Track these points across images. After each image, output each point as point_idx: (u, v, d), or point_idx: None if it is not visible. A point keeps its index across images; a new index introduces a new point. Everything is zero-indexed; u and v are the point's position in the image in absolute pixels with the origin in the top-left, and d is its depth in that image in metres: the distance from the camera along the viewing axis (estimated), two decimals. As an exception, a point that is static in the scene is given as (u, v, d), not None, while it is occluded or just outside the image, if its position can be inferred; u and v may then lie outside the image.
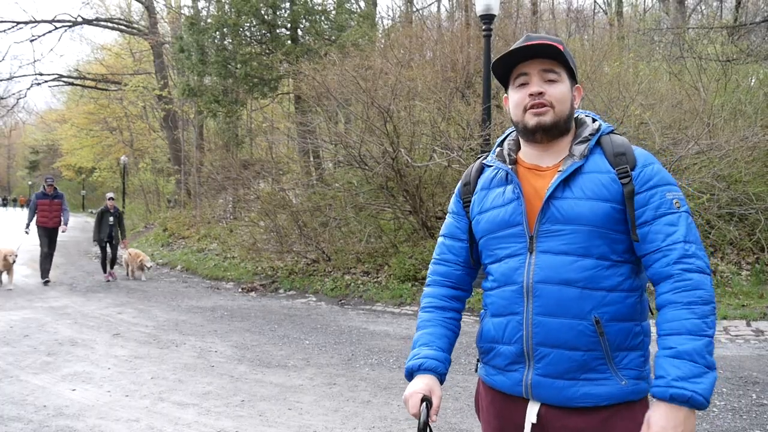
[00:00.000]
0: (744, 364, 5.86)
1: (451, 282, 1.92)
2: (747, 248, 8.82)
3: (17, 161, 77.74)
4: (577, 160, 1.71)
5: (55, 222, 12.05)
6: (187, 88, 18.12)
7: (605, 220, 1.65)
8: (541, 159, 1.78)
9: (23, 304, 9.46)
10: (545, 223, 1.69)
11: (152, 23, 25.80)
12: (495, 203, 1.79)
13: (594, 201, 1.65)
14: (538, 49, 1.70)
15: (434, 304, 1.90)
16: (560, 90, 1.72)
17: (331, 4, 18.03)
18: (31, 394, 5.18)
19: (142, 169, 31.66)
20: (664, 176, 1.69)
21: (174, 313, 9.03)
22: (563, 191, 1.68)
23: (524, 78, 1.74)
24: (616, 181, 1.66)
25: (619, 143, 1.73)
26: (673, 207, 1.64)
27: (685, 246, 1.60)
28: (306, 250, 12.03)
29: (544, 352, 1.66)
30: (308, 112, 14.29)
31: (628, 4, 25.26)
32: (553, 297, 1.65)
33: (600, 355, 1.64)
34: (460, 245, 1.91)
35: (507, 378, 1.76)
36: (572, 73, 1.77)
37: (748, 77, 12.62)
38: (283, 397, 5.16)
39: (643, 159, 1.70)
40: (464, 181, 1.93)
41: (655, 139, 9.31)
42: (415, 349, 1.83)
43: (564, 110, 1.72)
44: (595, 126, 1.79)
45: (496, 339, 1.77)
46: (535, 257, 1.69)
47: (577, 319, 1.63)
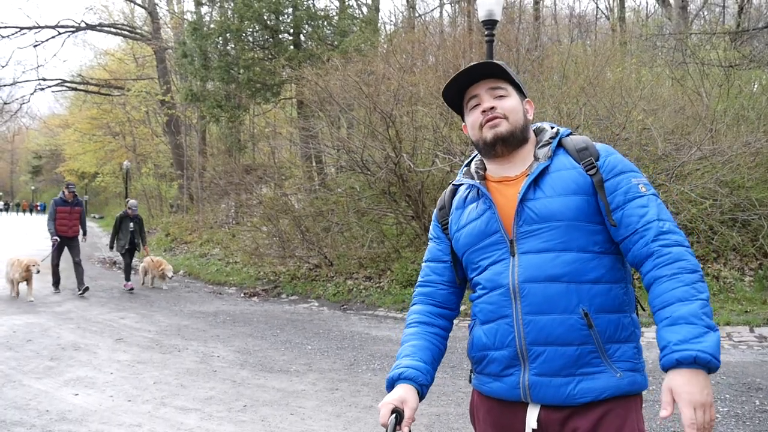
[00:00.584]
0: (747, 371, 5.84)
1: (436, 301, 1.94)
2: (750, 254, 8.80)
3: (20, 166, 78.00)
4: (543, 161, 1.76)
5: (75, 231, 11.52)
6: (189, 93, 18.18)
7: (579, 213, 1.69)
8: (507, 171, 1.83)
9: (26, 309, 9.47)
10: (522, 225, 1.72)
11: (155, 28, 25.90)
12: (470, 218, 1.84)
13: (565, 196, 1.70)
14: (480, 68, 1.79)
15: (419, 320, 1.92)
16: (510, 103, 1.80)
17: (334, 10, 18.09)
18: (34, 398, 5.18)
19: (145, 174, 31.73)
20: (627, 164, 1.76)
21: (176, 318, 9.04)
22: (534, 192, 1.73)
23: (475, 100, 1.82)
24: (583, 174, 1.72)
25: (580, 140, 1.80)
26: (640, 191, 1.69)
27: (659, 224, 1.64)
28: (308, 255, 12.04)
29: (538, 350, 1.67)
30: (311, 117, 14.31)
31: (631, 10, 25.30)
32: (539, 294, 1.67)
33: (593, 348, 1.65)
34: (444, 266, 1.94)
35: (503, 383, 1.75)
36: (520, 89, 1.85)
37: (751, 83, 12.61)
38: (286, 402, 5.16)
39: (604, 150, 1.77)
40: (439, 206, 1.99)
41: (657, 144, 9.31)
42: (397, 361, 1.85)
43: (518, 120, 1.79)
44: (553, 131, 1.85)
45: (488, 345, 1.77)
46: (518, 259, 1.71)
47: (566, 314, 1.65)
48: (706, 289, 1.58)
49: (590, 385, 1.64)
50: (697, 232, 8.94)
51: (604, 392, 1.63)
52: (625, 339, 1.68)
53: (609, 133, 9.74)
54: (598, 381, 1.64)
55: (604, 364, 1.65)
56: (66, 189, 11.59)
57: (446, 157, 10.13)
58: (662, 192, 9.07)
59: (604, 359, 1.65)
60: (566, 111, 9.96)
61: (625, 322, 1.68)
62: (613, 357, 1.66)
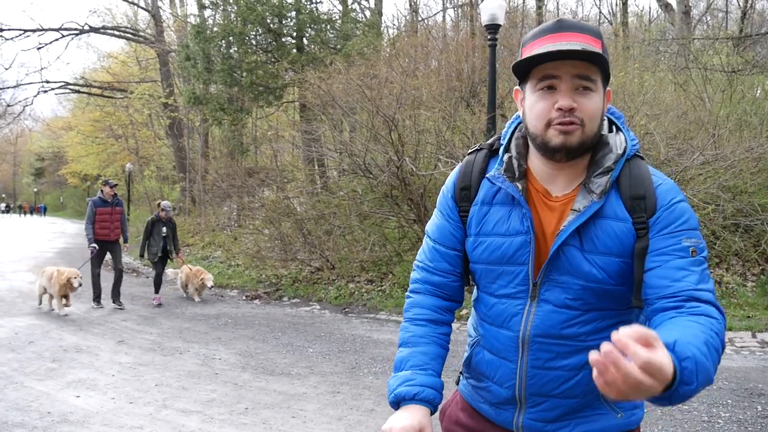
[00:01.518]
0: (749, 376, 5.83)
1: (445, 294, 1.67)
2: (752, 259, 8.79)
3: (23, 168, 78.16)
4: (596, 199, 1.43)
5: (117, 234, 10.06)
6: (192, 96, 18.22)
7: (617, 278, 1.44)
8: (553, 182, 1.51)
9: (28, 311, 9.48)
10: (552, 272, 1.48)
11: (158, 31, 25.96)
12: (498, 229, 1.53)
13: (607, 257, 1.43)
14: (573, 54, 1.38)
15: (427, 317, 1.64)
16: (594, 103, 1.41)
17: (337, 14, 18.14)
18: (36, 400, 5.18)
19: (147, 176, 31.79)
20: (687, 219, 1.41)
21: (178, 321, 9.04)
22: (575, 238, 1.45)
23: (551, 81, 1.41)
24: (631, 232, 1.42)
25: (639, 180, 1.45)
26: (688, 254, 1.37)
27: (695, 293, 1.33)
28: (310, 258, 12.04)
29: (538, 400, 1.55)
30: (313, 121, 14.34)
31: (634, 15, 25.32)
32: (551, 351, 1.50)
33: (596, 396, 1.50)
34: (456, 254, 1.64)
35: (497, 414, 1.64)
36: (607, 77, 1.47)
37: (754, 88, 12.61)
38: (287, 405, 5.16)
39: (664, 200, 1.43)
40: (462, 182, 1.62)
41: (660, 149, 9.31)
42: (405, 370, 1.56)
43: (594, 128, 1.43)
44: (619, 148, 1.48)
45: (488, 375, 1.63)
46: (536, 307, 1.49)
47: (575, 371, 1.50)
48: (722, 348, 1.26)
49: (588, 428, 1.54)
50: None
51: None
52: None
53: (611, 138, 9.73)
54: (597, 423, 1.54)
55: (604, 407, 1.53)
56: (106, 185, 10.05)
57: (449, 161, 10.14)
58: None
59: (604, 402, 1.53)
60: (569, 115, 9.95)
61: None
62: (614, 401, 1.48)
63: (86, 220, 9.87)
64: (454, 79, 12.95)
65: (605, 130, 1.53)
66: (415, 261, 1.75)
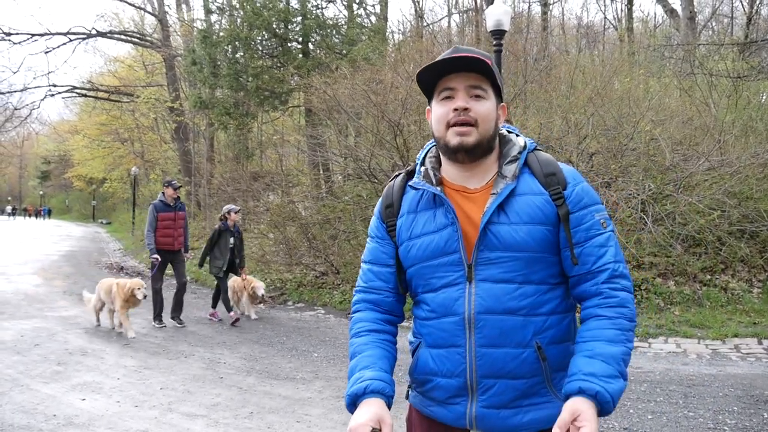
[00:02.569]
0: (755, 383, 5.81)
1: (383, 309, 1.80)
2: (758, 265, 8.76)
3: (29, 171, 78.53)
4: (510, 181, 1.65)
5: (180, 242, 9.08)
6: (198, 101, 18.28)
7: (542, 244, 1.62)
8: (467, 180, 1.71)
9: (33, 314, 9.51)
10: (483, 251, 1.62)
11: (165, 36, 26.08)
12: (427, 229, 1.69)
13: (531, 225, 1.62)
14: (466, 62, 1.62)
15: (368, 328, 1.76)
16: (486, 108, 1.65)
17: (343, 19, 18.17)
18: (41, 403, 5.20)
19: (153, 180, 31.90)
20: (593, 195, 1.69)
21: (188, 325, 9.05)
22: (498, 216, 1.63)
23: (450, 92, 1.66)
24: (550, 203, 1.64)
25: (547, 162, 1.70)
26: (601, 227, 1.64)
27: (615, 266, 1.62)
28: (315, 262, 12.05)
29: (489, 383, 1.62)
30: (318, 125, 14.37)
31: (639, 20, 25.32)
32: (495, 327, 1.60)
33: (541, 380, 1.63)
34: (388, 271, 1.79)
35: (448, 411, 1.69)
36: (498, 91, 1.70)
37: (759, 94, 12.60)
38: (292, 410, 5.16)
39: (572, 177, 1.68)
40: (386, 202, 1.81)
41: (665, 155, 9.31)
42: (355, 374, 1.65)
43: (488, 129, 1.65)
44: (521, 143, 1.73)
45: (435, 371, 1.69)
46: (475, 286, 1.62)
47: (520, 348, 1.60)
48: (633, 340, 1.58)
49: (537, 416, 1.63)
50: (705, 243, 8.91)
51: (549, 422, 1.59)
52: None
53: (617, 144, 9.75)
54: (545, 411, 1.63)
55: (550, 393, 1.63)
56: (168, 187, 9.03)
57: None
58: (670, 202, 9.06)
59: (550, 389, 1.63)
60: (574, 121, 9.97)
61: (571, 350, 1.64)
62: (558, 386, 1.63)
63: (147, 227, 8.83)
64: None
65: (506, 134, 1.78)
66: (354, 289, 1.89)
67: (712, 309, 8.09)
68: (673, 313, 8.07)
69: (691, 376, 6.06)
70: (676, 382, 5.88)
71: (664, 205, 9.04)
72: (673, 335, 7.51)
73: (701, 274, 8.69)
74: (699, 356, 6.78)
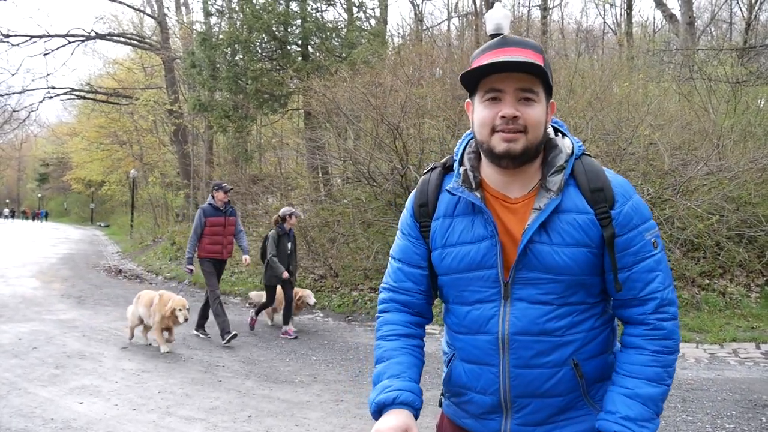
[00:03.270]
0: (753, 387, 5.81)
1: (414, 310, 1.74)
2: (756, 270, 8.77)
3: (27, 174, 78.42)
4: (554, 196, 1.53)
5: (229, 251, 8.38)
6: (197, 103, 18.29)
7: (585, 267, 1.53)
8: (508, 188, 1.59)
9: (31, 317, 9.49)
10: (522, 270, 1.54)
11: (164, 38, 26.09)
12: (464, 238, 1.60)
13: (574, 248, 1.52)
14: (518, 65, 1.47)
15: (398, 332, 1.70)
16: (537, 113, 1.51)
17: (342, 22, 18.21)
18: (39, 406, 5.19)
19: (152, 183, 31.84)
20: (643, 212, 1.56)
21: (181, 327, 9.01)
22: (540, 234, 1.53)
23: (496, 93, 1.51)
24: (595, 224, 1.52)
25: (594, 174, 1.56)
26: (652, 249, 1.54)
27: (663, 294, 1.54)
28: (313, 265, 12.05)
29: (524, 402, 1.58)
30: (318, 128, 14.37)
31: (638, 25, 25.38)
32: (530, 348, 1.55)
33: (578, 395, 1.59)
34: (421, 273, 1.71)
35: (482, 426, 1.66)
36: (549, 89, 1.56)
37: (758, 99, 12.62)
38: (291, 413, 5.15)
39: (621, 194, 1.54)
40: (420, 200, 1.70)
41: (664, 159, 9.32)
42: (382, 381, 1.59)
43: (538, 136, 1.53)
44: (567, 149, 1.60)
45: (469, 387, 1.65)
46: (510, 306, 1.55)
47: (556, 368, 1.55)
48: (674, 373, 1.55)
49: (575, 429, 1.60)
50: (703, 247, 8.92)
51: None
52: (609, 376, 1.61)
53: (616, 148, 9.76)
54: (583, 424, 1.60)
55: (587, 406, 1.60)
56: (218, 190, 8.23)
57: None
58: (669, 207, 9.06)
59: (587, 402, 1.60)
60: (573, 125, 9.98)
61: (609, 360, 1.62)
62: (595, 397, 1.60)
63: (192, 233, 8.13)
64: (458, 87, 12.96)
65: (552, 135, 1.63)
66: (381, 284, 1.81)
67: (710, 313, 8.09)
68: (672, 317, 8.06)
69: (690, 380, 6.06)
70: (675, 386, 5.88)
71: (662, 210, 9.05)
72: (672, 340, 7.51)
73: (700, 278, 8.69)
74: (697, 360, 6.78)
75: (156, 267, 17.94)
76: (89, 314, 9.91)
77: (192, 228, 8.22)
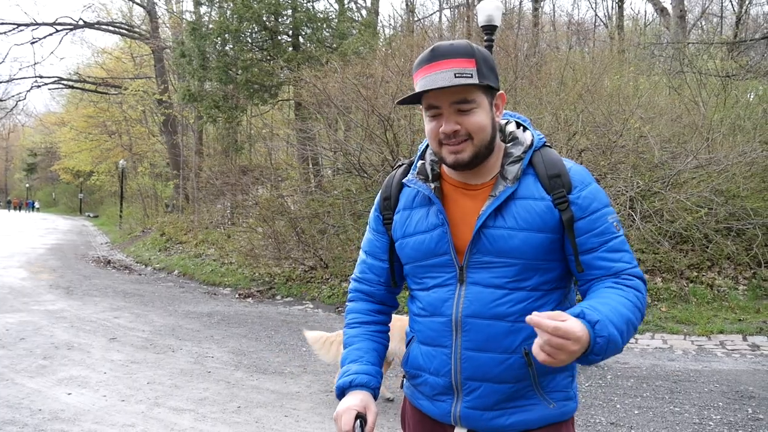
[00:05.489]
0: (740, 379, 5.86)
1: (375, 299, 1.85)
2: (744, 263, 8.83)
3: (15, 163, 77.78)
4: (510, 184, 1.58)
5: None
6: (187, 93, 18.15)
7: (540, 252, 1.56)
8: (468, 178, 1.65)
9: (19, 307, 9.43)
10: (476, 254, 1.58)
11: (153, 28, 25.85)
12: (419, 228, 1.67)
13: (528, 232, 1.55)
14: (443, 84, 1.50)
15: (359, 320, 1.82)
16: (477, 119, 1.54)
17: (333, 12, 18.10)
18: (27, 397, 5.16)
19: (141, 173, 31.66)
20: (602, 198, 1.59)
21: (171, 318, 9.01)
22: (495, 219, 1.57)
23: (434, 110, 1.56)
24: (551, 209, 1.56)
25: (552, 163, 1.60)
26: (615, 231, 1.57)
27: (631, 270, 1.55)
28: (304, 257, 12.03)
29: (473, 386, 1.61)
30: (308, 119, 14.31)
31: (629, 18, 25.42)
32: (482, 332, 1.57)
33: (528, 384, 1.60)
34: (381, 265, 1.81)
35: (435, 407, 1.70)
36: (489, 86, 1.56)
37: (748, 93, 12.68)
38: (280, 404, 5.15)
39: (579, 180, 1.58)
40: (384, 194, 1.79)
41: (654, 152, 9.35)
42: (344, 366, 1.74)
43: (484, 138, 1.56)
44: (527, 140, 1.64)
45: (424, 368, 1.70)
46: (465, 289, 1.60)
47: (507, 353, 1.57)
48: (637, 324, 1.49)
49: (522, 418, 1.61)
50: (692, 240, 8.97)
51: (535, 423, 1.60)
52: (561, 369, 1.61)
53: (606, 140, 9.78)
54: (531, 413, 1.60)
55: (537, 396, 1.60)
56: None
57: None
58: (658, 199, 9.10)
59: (537, 392, 1.60)
60: (564, 117, 10.00)
61: None
62: (546, 389, 1.60)
63: None
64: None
65: (513, 128, 1.69)
66: (351, 275, 1.93)
67: (698, 306, 8.15)
68: (660, 309, 8.12)
69: (677, 371, 6.11)
70: (663, 377, 5.92)
71: (652, 202, 9.09)
72: (660, 331, 7.57)
73: (688, 270, 8.75)
74: (685, 352, 6.83)
75: (145, 258, 17.86)
76: (78, 305, 9.85)
77: None
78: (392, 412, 4.97)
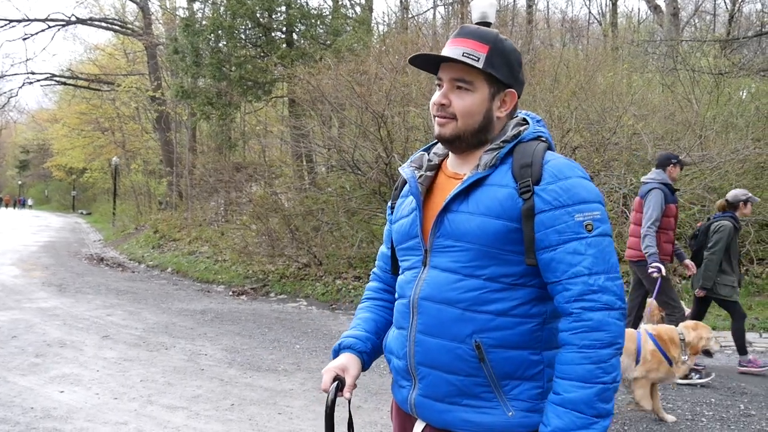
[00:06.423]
0: (732, 375, 5.90)
1: (383, 282, 1.94)
2: (736, 260, 8.86)
3: (7, 160, 77.29)
4: (481, 170, 1.58)
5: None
6: (180, 90, 18.07)
7: (495, 239, 1.52)
8: (460, 167, 1.68)
9: (11, 305, 9.38)
10: (438, 237, 1.59)
11: (147, 24, 25.74)
12: (403, 213, 1.75)
13: (484, 217, 1.53)
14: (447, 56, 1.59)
15: (368, 296, 1.94)
16: (466, 102, 1.59)
17: (327, 9, 18.07)
18: (19, 395, 5.13)
19: (134, 170, 31.56)
20: (578, 193, 1.49)
21: (164, 316, 8.98)
22: (460, 204, 1.58)
23: (439, 81, 1.65)
24: (514, 197, 1.52)
25: (529, 153, 1.56)
26: (582, 230, 1.47)
27: (589, 279, 1.45)
28: (297, 254, 12.01)
29: (424, 372, 1.60)
30: (302, 116, 14.28)
31: (623, 16, 25.47)
32: (433, 316, 1.57)
33: (484, 381, 1.53)
34: (386, 253, 1.91)
35: (398, 393, 1.73)
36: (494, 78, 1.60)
37: (740, 90, 12.74)
38: (273, 402, 5.14)
39: (552, 174, 1.51)
40: (397, 184, 1.88)
41: (647, 149, 9.37)
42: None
43: (471, 123, 1.60)
44: (514, 132, 1.62)
45: (391, 350, 1.73)
46: (426, 272, 1.61)
47: (455, 342, 1.54)
48: (616, 368, 1.44)
49: (473, 418, 1.55)
50: (685, 237, 9.00)
51: (488, 429, 1.54)
52: (528, 377, 1.54)
53: (599, 138, 9.80)
54: (484, 416, 1.54)
55: (497, 399, 1.53)
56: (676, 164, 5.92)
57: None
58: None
59: (498, 395, 1.53)
60: (558, 114, 10.00)
61: (532, 360, 1.53)
62: (509, 394, 1.53)
63: (648, 221, 5.64)
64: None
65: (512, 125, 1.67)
66: None
67: (689, 302, 8.17)
68: (653, 306, 8.13)
69: (670, 368, 6.12)
70: (656, 374, 5.93)
71: (645, 200, 9.11)
72: (653, 328, 7.58)
73: (680, 267, 8.76)
74: (678, 349, 6.84)
75: (138, 255, 17.81)
76: (70, 302, 9.81)
77: (648, 215, 5.69)
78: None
